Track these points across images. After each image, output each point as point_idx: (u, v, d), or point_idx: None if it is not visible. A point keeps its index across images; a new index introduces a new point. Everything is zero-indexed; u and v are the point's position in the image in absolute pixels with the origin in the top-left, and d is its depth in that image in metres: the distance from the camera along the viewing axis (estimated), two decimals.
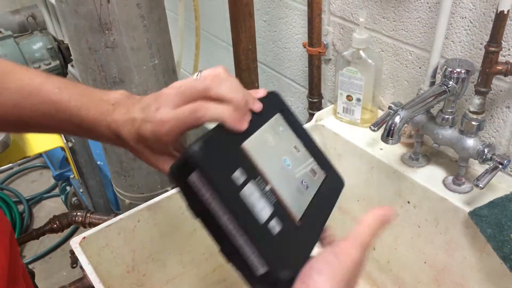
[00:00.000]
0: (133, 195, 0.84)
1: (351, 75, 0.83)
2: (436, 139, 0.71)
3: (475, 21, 0.67)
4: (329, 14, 0.91)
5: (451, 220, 0.69)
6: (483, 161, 0.66)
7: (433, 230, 0.73)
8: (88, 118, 0.40)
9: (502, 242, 0.60)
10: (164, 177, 0.83)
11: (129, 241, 0.74)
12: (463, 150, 0.67)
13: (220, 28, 1.25)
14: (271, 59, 1.14)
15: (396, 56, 0.82)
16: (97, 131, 0.41)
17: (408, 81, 0.82)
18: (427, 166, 0.76)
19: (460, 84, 0.65)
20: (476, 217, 0.63)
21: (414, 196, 0.75)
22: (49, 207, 1.91)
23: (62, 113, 0.41)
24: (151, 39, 0.74)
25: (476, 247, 0.67)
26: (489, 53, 0.62)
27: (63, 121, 0.42)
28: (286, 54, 1.08)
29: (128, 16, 0.71)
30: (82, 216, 0.89)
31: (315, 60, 0.94)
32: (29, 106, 0.42)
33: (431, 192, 0.71)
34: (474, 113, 0.66)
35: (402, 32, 0.79)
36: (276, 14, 1.04)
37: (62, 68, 1.88)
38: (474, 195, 0.69)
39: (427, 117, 0.72)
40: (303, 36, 0.98)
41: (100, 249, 0.70)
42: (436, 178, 0.73)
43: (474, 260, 0.68)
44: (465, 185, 0.70)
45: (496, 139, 0.71)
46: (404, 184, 0.76)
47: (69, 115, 0.41)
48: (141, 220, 0.73)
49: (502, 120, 0.70)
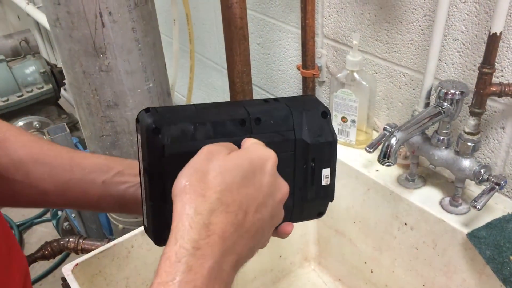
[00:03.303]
0: (126, 219, 0.83)
1: (346, 97, 0.84)
2: (432, 160, 0.71)
3: (468, 43, 0.68)
4: (322, 37, 0.92)
5: (449, 242, 0.69)
6: (480, 182, 0.65)
7: (431, 252, 0.72)
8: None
9: (502, 264, 0.59)
10: None
11: (123, 267, 0.72)
12: (459, 171, 0.67)
13: (214, 51, 1.25)
14: (265, 82, 1.14)
15: (390, 78, 0.82)
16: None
17: (402, 102, 0.82)
18: (424, 187, 0.76)
19: (455, 106, 0.66)
20: (475, 239, 0.63)
21: (411, 218, 0.74)
22: (40, 232, 1.87)
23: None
24: (146, 62, 0.74)
25: (475, 269, 0.67)
26: (482, 75, 0.63)
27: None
28: (280, 76, 1.08)
29: (123, 40, 0.71)
30: (74, 242, 0.87)
31: (309, 82, 0.95)
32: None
33: (428, 213, 0.71)
34: (469, 134, 0.66)
35: (395, 54, 0.80)
36: (270, 37, 1.05)
37: (54, 92, 1.88)
38: (472, 216, 0.68)
39: (422, 138, 0.72)
40: (297, 58, 0.99)
41: (92, 276, 0.69)
42: (433, 199, 0.73)
43: (474, 282, 0.67)
44: (462, 206, 0.70)
45: (491, 160, 0.71)
46: (400, 205, 0.75)
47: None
48: (135, 245, 0.72)
49: (497, 140, 0.70)
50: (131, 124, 0.75)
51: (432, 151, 0.70)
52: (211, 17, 1.20)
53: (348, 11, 0.84)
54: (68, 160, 0.48)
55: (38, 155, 0.47)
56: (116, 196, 0.49)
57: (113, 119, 0.73)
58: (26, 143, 0.48)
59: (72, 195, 0.48)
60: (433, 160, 0.71)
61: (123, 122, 0.74)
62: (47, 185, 0.47)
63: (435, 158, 0.70)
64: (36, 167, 0.47)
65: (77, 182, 0.48)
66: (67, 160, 0.48)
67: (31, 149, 0.48)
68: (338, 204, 0.89)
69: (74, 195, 0.48)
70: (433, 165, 0.72)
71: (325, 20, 0.90)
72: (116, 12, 0.69)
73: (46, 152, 0.48)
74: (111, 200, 0.49)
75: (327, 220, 0.93)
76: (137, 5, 0.70)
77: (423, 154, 0.72)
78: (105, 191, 0.48)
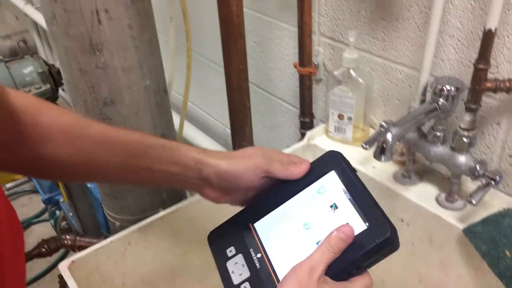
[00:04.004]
0: (123, 217, 0.83)
1: (342, 94, 0.84)
2: (428, 156, 0.71)
3: (463, 40, 0.68)
4: (319, 35, 0.92)
5: (445, 237, 0.69)
6: (475, 178, 0.66)
7: (428, 248, 0.72)
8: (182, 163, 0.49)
9: (497, 259, 0.59)
10: (156, 199, 0.82)
11: (120, 264, 0.72)
12: (455, 167, 0.67)
13: (211, 50, 1.26)
14: (262, 80, 1.14)
15: (386, 75, 0.83)
16: (184, 175, 0.50)
17: (399, 99, 0.83)
18: (420, 184, 0.76)
19: (450, 102, 0.66)
20: (470, 234, 0.63)
21: (408, 214, 0.74)
22: (39, 232, 1.88)
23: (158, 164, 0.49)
24: (143, 60, 0.74)
25: (471, 265, 0.67)
26: (478, 71, 0.63)
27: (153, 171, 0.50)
28: (277, 74, 1.08)
29: (119, 37, 0.71)
30: (71, 239, 0.87)
31: (306, 80, 0.95)
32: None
33: (425, 209, 0.71)
34: (465, 130, 0.66)
35: (391, 51, 0.80)
36: (267, 35, 1.05)
37: (53, 92, 1.87)
38: (468, 212, 0.68)
39: (418, 134, 0.72)
40: (294, 57, 0.99)
41: (89, 273, 0.69)
42: (429, 195, 0.73)
43: (470, 277, 0.68)
44: (458, 202, 0.70)
45: (487, 156, 0.72)
46: (397, 202, 0.75)
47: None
48: (131, 242, 0.72)
49: (492, 136, 0.70)
50: (127, 121, 0.75)
51: (428, 147, 0.70)
52: (209, 15, 1.20)
53: (344, 9, 0.84)
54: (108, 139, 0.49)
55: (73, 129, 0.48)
56: (145, 181, 0.52)
57: (110, 117, 0.74)
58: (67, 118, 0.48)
59: (107, 175, 0.50)
60: (429, 156, 0.71)
61: (120, 120, 0.74)
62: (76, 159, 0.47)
63: (431, 154, 0.70)
64: (69, 140, 0.47)
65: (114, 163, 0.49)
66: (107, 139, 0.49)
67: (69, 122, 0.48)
68: None
69: (109, 175, 0.50)
70: (429, 161, 0.72)
71: (322, 18, 0.90)
72: (112, 9, 0.69)
73: (83, 126, 0.48)
74: (138, 181, 0.52)
75: None
76: (134, 2, 0.70)
77: (419, 150, 0.72)
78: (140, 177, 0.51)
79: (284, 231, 0.47)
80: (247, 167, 0.49)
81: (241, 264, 0.47)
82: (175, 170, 0.49)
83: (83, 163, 0.48)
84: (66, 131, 0.47)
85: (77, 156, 0.47)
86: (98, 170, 0.49)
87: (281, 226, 0.48)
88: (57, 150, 0.46)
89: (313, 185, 0.48)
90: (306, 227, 0.46)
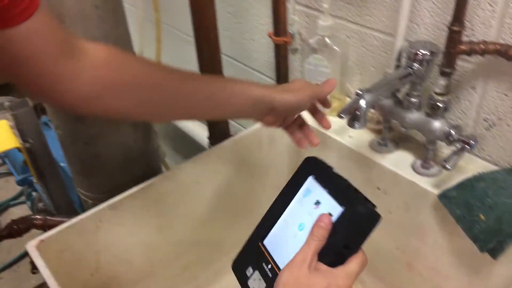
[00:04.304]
0: (96, 195, 0.81)
1: (318, 63, 0.82)
2: (403, 123, 0.70)
3: (438, 3, 0.66)
4: (294, 2, 0.89)
5: (421, 204, 0.69)
6: (450, 143, 0.65)
7: (404, 215, 0.72)
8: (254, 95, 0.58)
9: (472, 223, 0.59)
10: (128, 175, 0.80)
11: (92, 242, 0.70)
12: (430, 132, 0.67)
13: (182, 20, 1.21)
14: (238, 52, 1.11)
15: (362, 42, 0.81)
16: (254, 108, 0.59)
17: (375, 67, 0.81)
18: (396, 152, 0.75)
19: (425, 66, 0.65)
20: (445, 199, 0.63)
21: (384, 182, 0.74)
22: (16, 215, 1.83)
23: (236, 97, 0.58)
24: (107, 30, 0.71)
25: (447, 230, 0.67)
26: (452, 33, 0.62)
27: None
28: (253, 46, 1.06)
29: (81, 6, 0.67)
30: (42, 219, 0.85)
31: (282, 50, 0.92)
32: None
33: (400, 177, 0.70)
34: (440, 94, 0.65)
35: (367, 17, 0.78)
36: (241, 6, 1.02)
37: None
38: (443, 178, 0.68)
39: (393, 101, 0.71)
40: (269, 27, 0.96)
41: (60, 252, 0.67)
42: (405, 162, 0.72)
43: (445, 243, 0.68)
44: (433, 168, 0.70)
45: (462, 121, 0.71)
46: (373, 170, 0.75)
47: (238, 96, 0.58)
48: (103, 219, 0.70)
49: (468, 101, 0.69)
50: None
51: (403, 114, 0.69)
52: None
53: None
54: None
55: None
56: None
57: None
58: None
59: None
60: (404, 123, 0.70)
61: None
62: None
63: (406, 120, 0.69)
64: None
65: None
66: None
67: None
68: None
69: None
70: (405, 128, 0.71)
71: None
72: None
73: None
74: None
75: None
76: None
77: (394, 117, 0.71)
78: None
79: (286, 238, 0.53)
80: (307, 95, 0.60)
81: (258, 279, 0.54)
82: (247, 103, 0.58)
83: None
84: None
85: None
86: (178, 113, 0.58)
87: (282, 235, 0.54)
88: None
89: (300, 192, 0.55)
90: (300, 229, 0.52)
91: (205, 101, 0.56)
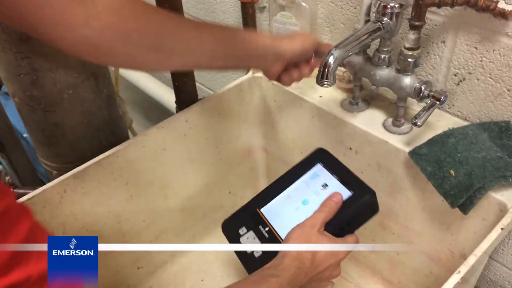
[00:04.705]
0: (60, 165, 0.78)
1: (286, 21, 0.79)
2: (374, 80, 0.68)
3: None
4: None
5: (393, 162, 0.68)
6: (421, 99, 0.64)
7: (376, 174, 0.72)
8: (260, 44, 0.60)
9: (442, 179, 0.59)
10: (93, 143, 0.77)
11: (57, 213, 0.68)
12: (401, 89, 0.65)
13: None
14: (204, 12, 1.07)
15: None
16: (263, 56, 0.60)
17: (344, 23, 0.78)
18: (367, 110, 0.74)
19: (394, 20, 0.62)
20: (416, 156, 0.62)
21: (355, 142, 0.73)
22: None
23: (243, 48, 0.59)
24: None
25: (418, 187, 0.66)
26: None
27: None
28: (220, 5, 1.01)
29: None
30: None
31: (249, 9, 0.89)
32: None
33: (372, 135, 0.69)
34: (410, 49, 0.63)
35: None
36: None
37: None
38: (414, 135, 0.67)
39: (363, 58, 0.69)
40: None
41: None
42: (376, 121, 0.71)
43: (417, 200, 0.68)
44: (404, 126, 0.69)
45: (433, 76, 0.70)
46: (345, 130, 0.73)
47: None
48: (67, 190, 0.67)
49: (438, 56, 0.68)
50: (51, 59, 0.68)
51: (374, 71, 0.67)
52: None
53: None
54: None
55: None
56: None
57: (28, 55, 0.66)
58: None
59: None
60: (374, 81, 0.68)
61: (41, 58, 0.67)
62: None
63: (377, 78, 0.67)
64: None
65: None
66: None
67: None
68: (285, 135, 0.87)
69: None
70: (375, 86, 0.69)
71: None
72: None
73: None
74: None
75: (275, 152, 0.91)
76: None
77: (365, 74, 0.70)
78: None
79: (287, 210, 0.59)
80: (310, 42, 0.63)
81: (252, 237, 0.59)
82: (258, 52, 0.60)
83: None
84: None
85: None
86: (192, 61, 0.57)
87: (283, 206, 0.60)
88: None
89: (307, 174, 0.62)
90: (304, 203, 0.59)
91: (215, 49, 0.56)
